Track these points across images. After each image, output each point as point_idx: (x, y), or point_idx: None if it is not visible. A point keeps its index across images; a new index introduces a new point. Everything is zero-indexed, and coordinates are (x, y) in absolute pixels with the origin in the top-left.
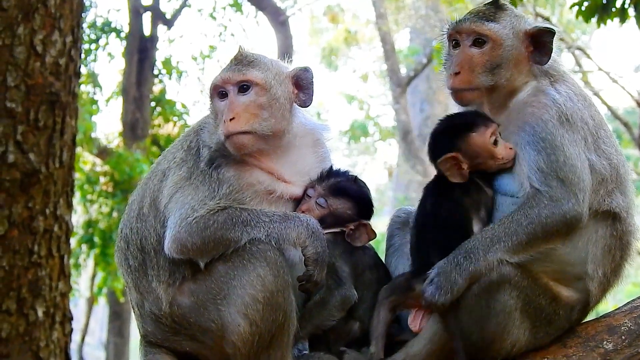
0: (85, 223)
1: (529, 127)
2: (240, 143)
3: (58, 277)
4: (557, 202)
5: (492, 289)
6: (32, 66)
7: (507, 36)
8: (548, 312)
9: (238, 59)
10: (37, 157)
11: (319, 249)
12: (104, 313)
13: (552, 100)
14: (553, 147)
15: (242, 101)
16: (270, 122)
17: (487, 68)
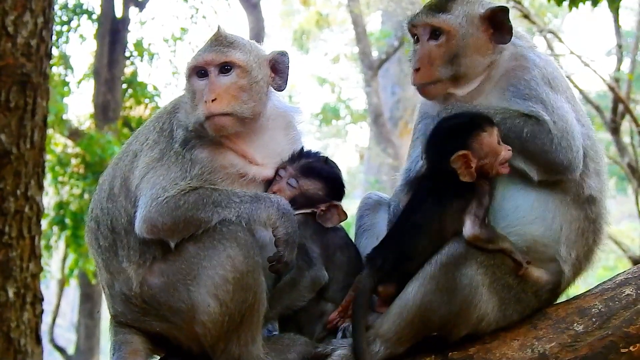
0: (56, 205)
1: (512, 87)
2: (221, 124)
3: (29, 258)
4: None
5: (459, 262)
6: (3, 47)
7: (461, 25)
8: (517, 291)
9: (218, 40)
10: (8, 138)
11: (289, 230)
12: (75, 295)
13: (533, 63)
14: (540, 99)
15: (223, 82)
16: (250, 104)
17: (445, 60)
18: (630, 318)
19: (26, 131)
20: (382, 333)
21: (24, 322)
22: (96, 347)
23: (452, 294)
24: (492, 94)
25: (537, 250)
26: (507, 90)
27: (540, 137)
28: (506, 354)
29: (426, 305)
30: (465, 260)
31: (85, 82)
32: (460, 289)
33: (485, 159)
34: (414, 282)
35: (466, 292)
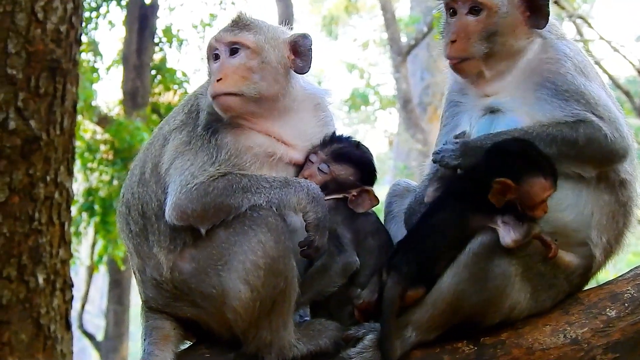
0: (85, 191)
1: (549, 82)
2: (227, 104)
3: (59, 244)
4: (599, 129)
5: (492, 252)
6: (32, 33)
7: (502, 3)
8: (549, 277)
9: (234, 22)
10: (38, 124)
11: (319, 215)
12: (104, 281)
13: (564, 54)
14: (580, 94)
15: (231, 63)
16: (260, 85)
17: (482, 36)
18: None
19: (56, 117)
20: (415, 320)
21: (54, 308)
22: (125, 334)
23: (485, 283)
24: (524, 87)
25: (568, 235)
26: (543, 87)
27: (596, 140)
28: (538, 339)
29: (459, 294)
30: (497, 250)
31: (114, 68)
32: (492, 278)
33: (522, 200)
34: (447, 271)
35: (499, 282)
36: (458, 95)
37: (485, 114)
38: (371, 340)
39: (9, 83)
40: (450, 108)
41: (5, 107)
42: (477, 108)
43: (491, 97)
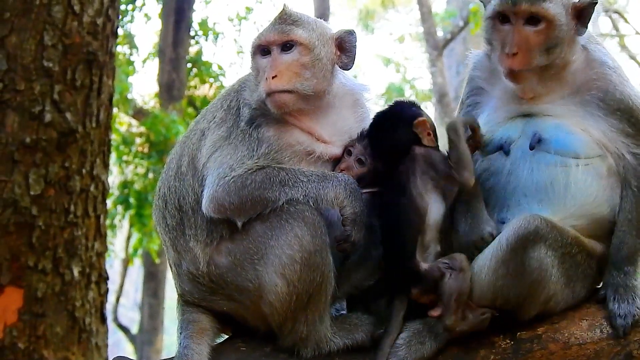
0: (120, 184)
1: (598, 100)
2: (282, 101)
3: (94, 237)
4: None
5: (529, 245)
6: (69, 25)
7: (561, 15)
8: (584, 267)
9: (282, 18)
10: (74, 117)
11: (357, 209)
12: (139, 274)
13: (609, 67)
14: (630, 110)
15: (285, 59)
16: (312, 82)
17: (543, 48)
18: None
19: (92, 110)
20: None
21: (89, 301)
22: (160, 327)
23: (522, 277)
24: (572, 101)
25: (603, 228)
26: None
27: None
28: (574, 334)
29: (498, 290)
30: (534, 242)
31: (149, 61)
32: (530, 272)
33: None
34: (485, 266)
35: (536, 275)
36: (484, 83)
37: (518, 116)
38: (404, 339)
39: (45, 75)
40: (473, 95)
41: (42, 99)
42: (509, 108)
43: (530, 102)
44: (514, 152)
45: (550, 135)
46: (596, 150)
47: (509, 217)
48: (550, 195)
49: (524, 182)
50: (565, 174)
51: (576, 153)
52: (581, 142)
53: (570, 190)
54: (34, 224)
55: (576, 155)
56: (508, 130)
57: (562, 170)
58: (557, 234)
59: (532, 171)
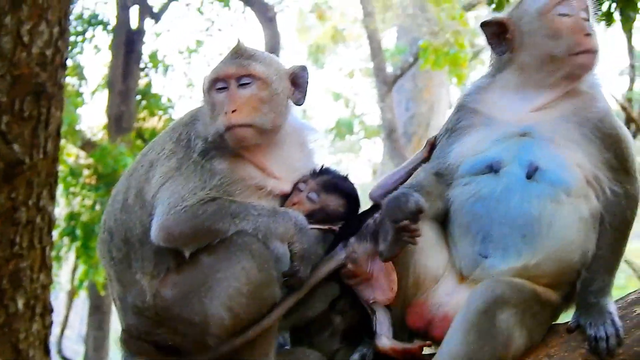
0: (67, 215)
1: (597, 121)
2: (241, 135)
3: (39, 268)
4: (632, 197)
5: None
6: (18, 56)
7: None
8: (540, 317)
9: (238, 52)
10: (22, 148)
11: (305, 245)
12: (84, 306)
13: (603, 96)
14: (619, 141)
15: (243, 94)
16: (270, 116)
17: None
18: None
19: (40, 141)
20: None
21: (33, 334)
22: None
23: (494, 339)
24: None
25: (566, 275)
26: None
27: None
28: None
29: (470, 354)
30: (502, 306)
31: (99, 93)
32: (500, 333)
33: None
34: (455, 333)
35: (505, 334)
36: (479, 105)
37: (513, 135)
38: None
39: None
40: (466, 115)
41: None
42: (505, 125)
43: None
44: (507, 177)
45: (547, 165)
46: (584, 189)
47: (490, 252)
48: (535, 231)
49: (513, 212)
50: (554, 210)
51: (568, 189)
52: (574, 177)
53: (553, 228)
54: None
55: (568, 192)
56: (501, 150)
57: (551, 205)
58: (519, 293)
59: (523, 201)
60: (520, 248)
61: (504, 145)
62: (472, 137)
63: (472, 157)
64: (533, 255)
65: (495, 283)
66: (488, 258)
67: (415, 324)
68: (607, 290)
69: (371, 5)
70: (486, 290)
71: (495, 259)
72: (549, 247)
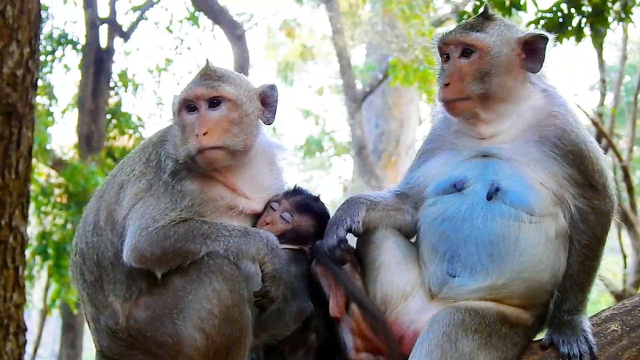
0: (39, 234)
1: (554, 138)
2: (213, 158)
3: (12, 288)
4: (601, 213)
5: (459, 334)
6: None
7: (495, 44)
8: (511, 337)
9: (208, 73)
10: None
11: (277, 266)
12: (57, 325)
13: (566, 109)
14: (582, 156)
15: (213, 116)
16: (241, 137)
17: (476, 77)
18: (615, 354)
19: (11, 161)
20: None
21: (7, 353)
22: None
23: None
24: (526, 137)
25: (537, 296)
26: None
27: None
28: None
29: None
30: (463, 331)
31: (69, 112)
32: (462, 356)
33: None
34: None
35: (468, 358)
36: (445, 131)
37: (476, 156)
38: None
39: None
40: (432, 142)
41: None
42: (467, 148)
43: (487, 140)
44: (471, 197)
45: (509, 186)
46: (550, 208)
47: (458, 270)
48: (501, 250)
49: (477, 232)
50: (517, 229)
51: (531, 209)
52: (537, 197)
53: (519, 247)
54: None
55: (530, 212)
56: (465, 170)
57: (514, 225)
58: (480, 318)
59: (487, 220)
60: (487, 267)
61: (467, 166)
62: (437, 160)
63: (438, 178)
64: (500, 275)
65: (455, 309)
66: (456, 277)
67: None
68: (580, 308)
69: (340, 22)
70: (446, 317)
71: (463, 278)
72: (515, 266)
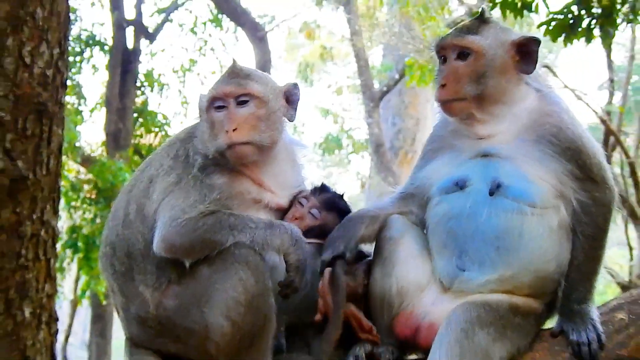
0: (69, 228)
1: (551, 136)
2: (243, 153)
3: (44, 279)
4: (602, 204)
5: (476, 329)
6: (20, 77)
7: (490, 47)
8: (523, 326)
9: (235, 72)
10: (25, 164)
11: (300, 257)
12: (87, 315)
13: (561, 107)
14: (579, 152)
15: (242, 113)
16: (267, 133)
17: (472, 78)
18: (622, 341)
19: (42, 158)
20: None
21: (40, 341)
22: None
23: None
24: (524, 137)
25: (545, 285)
26: (544, 142)
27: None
28: None
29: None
30: (479, 325)
31: (97, 111)
32: (479, 348)
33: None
34: (440, 347)
35: (485, 350)
36: (445, 132)
37: (476, 156)
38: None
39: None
40: (434, 142)
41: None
42: (468, 149)
43: (485, 141)
44: (474, 194)
45: (510, 181)
46: (551, 201)
47: (467, 265)
48: (506, 243)
49: (482, 227)
50: (520, 222)
51: (533, 202)
52: (539, 191)
53: (524, 239)
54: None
55: (532, 204)
56: (467, 169)
57: (517, 218)
58: (494, 311)
59: (491, 216)
60: (495, 261)
61: (468, 165)
62: (439, 161)
63: (441, 178)
64: (508, 267)
65: (471, 305)
66: (466, 271)
67: (403, 332)
68: (588, 297)
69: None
70: (463, 313)
71: (472, 272)
72: (522, 258)
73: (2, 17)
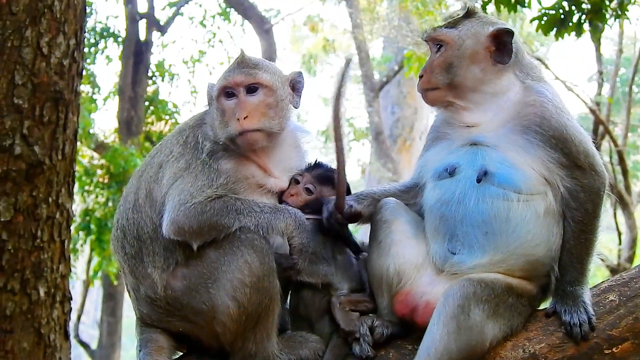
0: (82, 212)
1: (535, 126)
2: (253, 139)
3: (59, 260)
4: (591, 190)
5: (471, 305)
6: (38, 66)
7: (460, 38)
8: (517, 306)
9: (244, 62)
10: (42, 150)
11: (304, 240)
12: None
13: (545, 97)
14: (564, 140)
15: (252, 101)
16: (276, 120)
17: (442, 68)
18: (613, 322)
19: (58, 144)
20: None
21: (54, 319)
22: (117, 343)
23: (469, 330)
24: (510, 127)
25: (537, 269)
26: (529, 132)
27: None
28: (499, 354)
29: (450, 342)
30: (475, 302)
31: (110, 99)
32: (474, 324)
33: None
34: (437, 324)
35: (480, 326)
36: (441, 123)
37: (466, 144)
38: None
39: (15, 111)
40: (432, 132)
41: (12, 133)
42: (458, 138)
43: (474, 129)
44: (463, 181)
45: (496, 169)
46: (538, 187)
47: (458, 248)
48: (494, 228)
49: (471, 212)
50: (507, 208)
51: (518, 188)
52: (524, 178)
53: (510, 225)
54: (4, 248)
55: (518, 190)
56: (457, 157)
57: (503, 204)
58: (490, 289)
59: (478, 201)
60: (483, 245)
61: (459, 153)
62: (435, 149)
63: (435, 165)
64: (496, 251)
65: (468, 282)
66: (456, 255)
67: (401, 311)
68: (580, 279)
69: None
70: (460, 289)
71: (462, 255)
72: (510, 242)
73: (21, 10)
